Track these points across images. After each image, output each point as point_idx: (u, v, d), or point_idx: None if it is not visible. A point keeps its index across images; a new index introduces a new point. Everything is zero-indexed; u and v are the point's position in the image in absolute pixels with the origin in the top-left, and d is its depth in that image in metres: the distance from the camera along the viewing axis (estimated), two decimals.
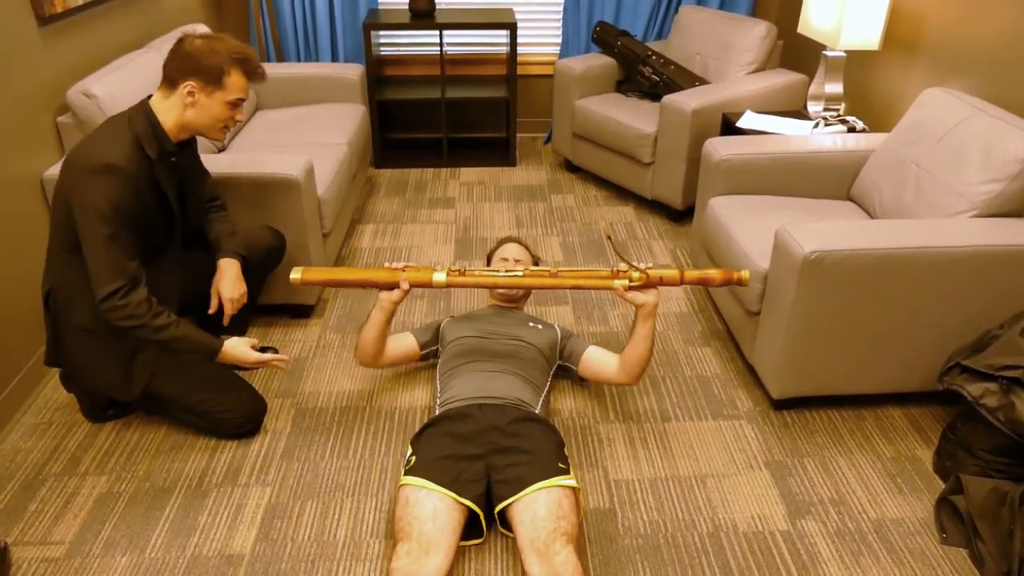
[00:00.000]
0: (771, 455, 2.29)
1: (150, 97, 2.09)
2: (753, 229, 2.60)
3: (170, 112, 2.07)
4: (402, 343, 2.47)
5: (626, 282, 2.18)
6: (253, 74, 2.11)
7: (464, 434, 2.01)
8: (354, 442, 2.33)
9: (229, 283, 2.25)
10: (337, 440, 2.34)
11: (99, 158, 1.92)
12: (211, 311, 2.24)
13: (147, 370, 2.18)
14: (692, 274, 2.19)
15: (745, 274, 2.21)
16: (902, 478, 2.21)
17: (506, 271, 2.26)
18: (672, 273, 2.19)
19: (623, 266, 2.21)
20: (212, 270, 2.31)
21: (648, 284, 2.19)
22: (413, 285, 2.23)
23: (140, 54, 2.94)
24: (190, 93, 2.03)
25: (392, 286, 2.25)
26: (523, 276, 2.23)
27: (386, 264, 2.29)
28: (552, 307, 3.04)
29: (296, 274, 2.24)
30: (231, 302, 2.25)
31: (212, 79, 2.03)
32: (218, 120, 2.09)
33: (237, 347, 2.17)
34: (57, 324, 2.14)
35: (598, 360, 2.39)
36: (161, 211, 2.13)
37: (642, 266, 2.18)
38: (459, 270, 2.22)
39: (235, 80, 2.06)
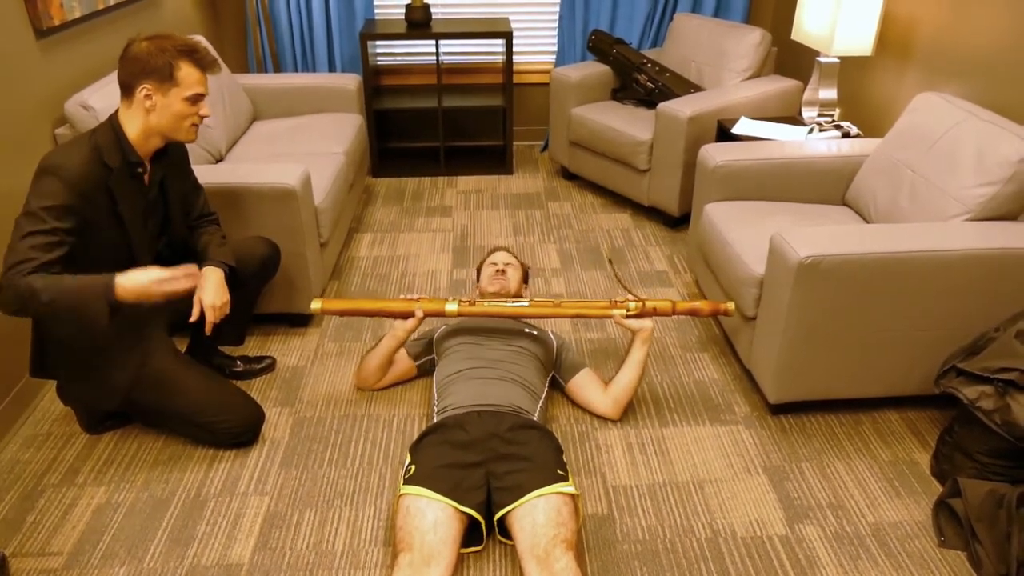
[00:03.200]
0: (769, 460, 2.29)
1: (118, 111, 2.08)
2: (749, 234, 2.60)
3: (134, 121, 2.05)
4: (396, 361, 2.50)
5: (624, 311, 2.36)
6: (203, 64, 2.07)
7: (463, 442, 2.00)
8: (352, 450, 2.33)
9: (211, 290, 2.23)
10: (335, 449, 2.33)
11: (48, 159, 1.92)
12: (192, 319, 2.22)
13: (146, 380, 2.17)
14: (683, 305, 2.41)
15: (731, 306, 2.42)
16: (900, 482, 2.21)
17: (512, 300, 2.38)
18: (665, 304, 2.39)
19: (620, 298, 2.32)
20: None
21: (643, 313, 2.36)
22: (427, 314, 2.37)
23: None
24: (147, 96, 2.02)
25: (407, 315, 2.33)
26: (528, 306, 2.36)
27: (401, 296, 2.33)
28: None
29: (316, 304, 2.37)
30: (212, 309, 2.22)
31: (164, 77, 2.01)
32: (182, 118, 2.07)
33: (133, 277, 1.93)
34: (39, 334, 2.13)
35: (586, 386, 2.43)
36: (116, 224, 2.07)
37: (641, 296, 2.28)
38: (470, 300, 2.38)
39: (187, 73, 2.04)
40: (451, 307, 2.35)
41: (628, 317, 2.35)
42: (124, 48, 2.03)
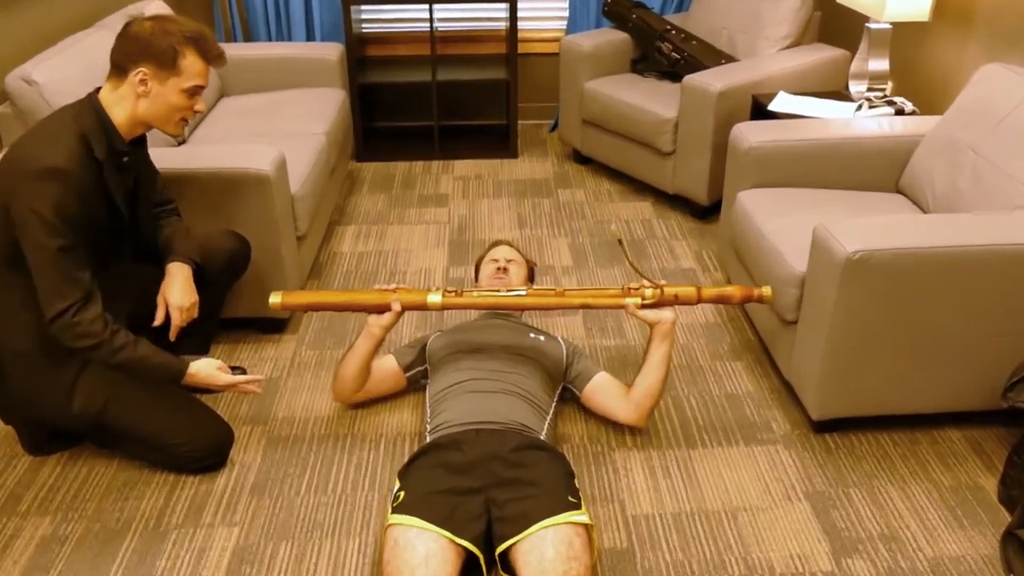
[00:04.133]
0: (812, 485, 2.28)
1: (99, 90, 2.10)
2: (788, 226, 2.60)
3: (121, 105, 2.07)
4: (383, 370, 2.48)
5: (639, 300, 2.24)
6: (210, 56, 2.11)
7: (459, 465, 2.00)
8: (334, 475, 2.33)
9: (178, 289, 2.25)
10: (314, 473, 2.33)
11: (42, 160, 1.93)
12: (157, 322, 2.23)
13: (94, 396, 2.18)
14: (710, 292, 2.30)
15: (767, 291, 2.32)
16: (962, 510, 2.20)
17: (507, 289, 2.30)
18: (688, 291, 2.27)
19: (635, 283, 2.25)
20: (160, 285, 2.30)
21: (663, 302, 2.24)
22: (405, 308, 2.28)
23: (88, 34, 2.94)
24: (142, 81, 2.04)
25: (382, 309, 2.28)
26: (526, 296, 2.30)
27: (376, 285, 2.30)
28: (559, 317, 3.04)
29: (275, 298, 2.29)
30: (180, 311, 2.23)
31: (165, 63, 2.04)
32: (175, 111, 2.10)
33: (204, 369, 2.17)
34: None
35: (605, 391, 2.40)
36: (109, 218, 2.12)
37: (658, 282, 2.21)
38: (455, 291, 2.29)
39: (191, 63, 2.07)
40: (434, 299, 2.28)
41: (644, 307, 2.28)
42: (124, 26, 2.06)
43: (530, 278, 2.74)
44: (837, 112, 3.26)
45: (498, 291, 2.32)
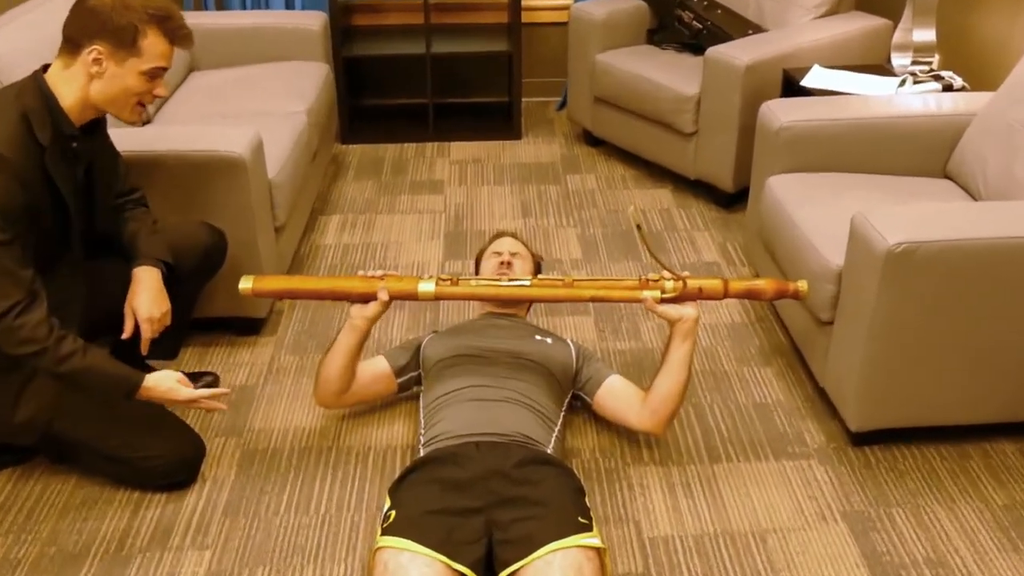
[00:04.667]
0: (850, 504, 2.28)
1: (47, 67, 2.08)
2: (823, 215, 2.59)
3: (71, 85, 2.05)
4: (372, 371, 2.46)
5: (658, 293, 2.21)
6: (176, 36, 2.10)
7: (457, 481, 2.00)
8: (317, 493, 2.32)
9: (148, 299, 2.23)
10: (295, 490, 2.33)
11: None
12: (125, 335, 2.22)
13: (43, 405, 2.17)
14: (738, 285, 2.27)
15: (803, 285, 2.28)
16: (1017, 531, 2.20)
17: (508, 279, 2.29)
18: (714, 284, 2.24)
19: (654, 274, 2.22)
20: (126, 282, 2.29)
21: (685, 296, 2.22)
22: (393, 297, 2.26)
23: (38, 4, 2.94)
24: (96, 60, 2.02)
25: (367, 298, 2.26)
26: (530, 286, 2.28)
27: (360, 272, 2.29)
28: (567, 317, 3.03)
29: (246, 283, 2.26)
30: (150, 323, 2.22)
31: (124, 42, 2.02)
32: (132, 94, 2.09)
33: (162, 382, 2.14)
34: None
35: (619, 395, 2.39)
36: (54, 210, 2.10)
37: (680, 273, 2.19)
38: (450, 278, 2.26)
39: (153, 43, 2.05)
40: (426, 287, 2.25)
41: (664, 301, 2.24)
42: None
43: (536, 273, 2.72)
44: (878, 88, 3.25)
45: (499, 280, 2.31)
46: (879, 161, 2.92)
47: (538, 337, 2.46)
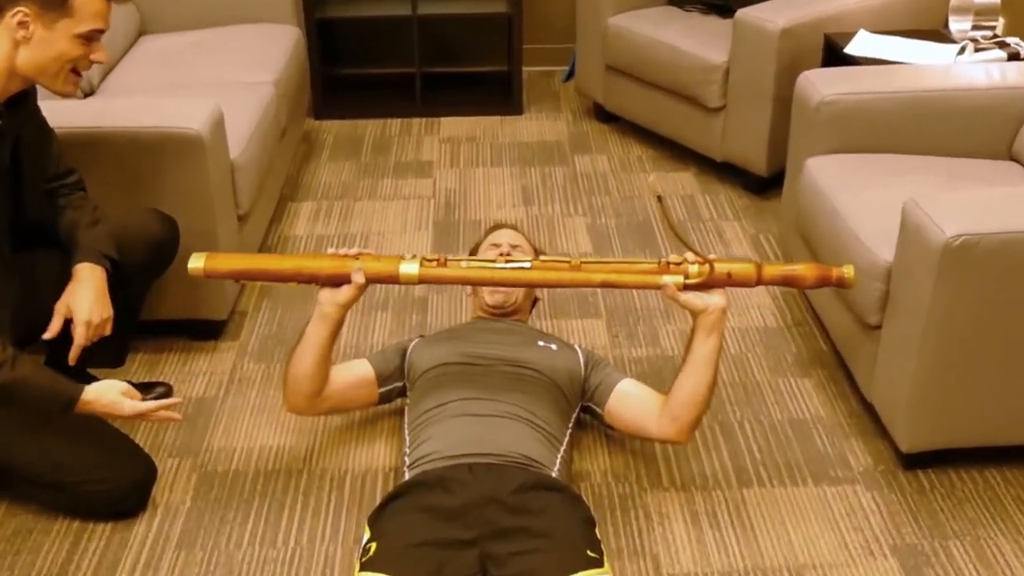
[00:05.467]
0: (900, 536, 2.28)
1: None
2: (870, 203, 2.59)
3: None
4: (352, 375, 2.45)
5: (680, 278, 2.17)
6: None
7: (447, 510, 2.00)
8: (285, 522, 2.32)
9: (86, 300, 2.21)
10: (260, 519, 2.33)
11: None
12: (48, 335, 2.19)
13: None
14: (773, 270, 2.21)
15: (848, 271, 2.21)
16: None
17: (506, 260, 2.26)
18: (745, 268, 2.19)
19: (675, 256, 2.20)
20: (64, 278, 2.28)
21: (712, 282, 2.18)
22: (371, 280, 2.21)
23: None
24: (21, 24, 2.02)
25: (340, 280, 2.22)
26: (531, 268, 2.23)
27: (330, 250, 2.27)
28: (575, 320, 3.04)
29: (197, 261, 2.22)
30: (86, 327, 2.20)
31: (53, 2, 2.02)
32: (65, 62, 2.08)
33: (104, 394, 2.14)
34: None
35: (634, 401, 2.37)
36: None
37: (707, 256, 2.16)
38: (437, 259, 2.21)
39: (87, 1, 2.05)
40: (408, 268, 2.19)
41: (687, 288, 2.19)
42: None
43: None
44: (933, 57, 3.25)
45: (493, 262, 2.27)
46: (934, 141, 2.92)
47: (541, 343, 2.46)
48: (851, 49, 3.33)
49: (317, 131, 4.34)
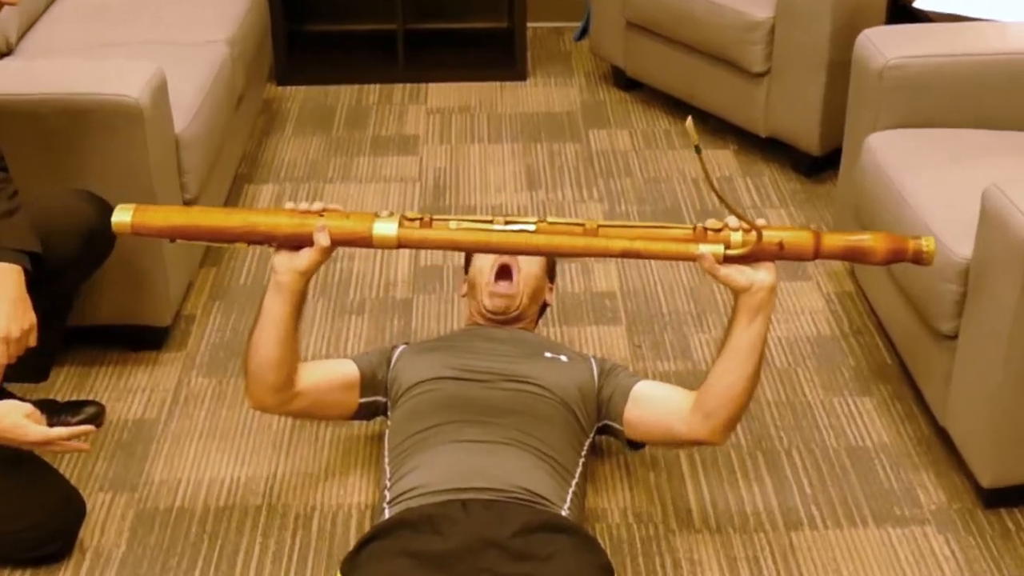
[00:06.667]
0: None
1: None
2: (943, 188, 2.60)
3: None
4: (336, 374, 2.43)
5: (720, 248, 2.11)
6: None
7: (437, 555, 2.00)
8: (241, 569, 2.32)
9: (2, 313, 2.22)
10: (210, 566, 2.33)
11: None
12: None
13: None
14: (834, 241, 2.16)
15: (927, 243, 2.14)
16: None
17: (506, 221, 2.17)
18: (801, 237, 2.12)
19: (714, 221, 2.14)
20: None
21: (759, 253, 2.12)
22: (337, 242, 2.15)
23: None
24: None
25: (300, 242, 2.17)
26: (535, 231, 2.15)
27: (289, 204, 2.21)
28: (590, 327, 3.04)
29: (123, 215, 2.17)
30: (5, 344, 2.19)
31: None
32: None
33: (5, 416, 2.11)
34: None
35: (655, 400, 2.36)
36: None
37: (754, 221, 2.11)
38: (421, 218, 2.15)
39: None
40: (384, 228, 2.12)
41: (727, 260, 2.14)
42: None
43: (550, 274, 2.69)
44: (1017, 12, 3.25)
45: (490, 225, 2.17)
46: (1019, 113, 2.93)
47: (549, 354, 2.45)
48: (921, 3, 3.33)
49: (280, 99, 4.35)
